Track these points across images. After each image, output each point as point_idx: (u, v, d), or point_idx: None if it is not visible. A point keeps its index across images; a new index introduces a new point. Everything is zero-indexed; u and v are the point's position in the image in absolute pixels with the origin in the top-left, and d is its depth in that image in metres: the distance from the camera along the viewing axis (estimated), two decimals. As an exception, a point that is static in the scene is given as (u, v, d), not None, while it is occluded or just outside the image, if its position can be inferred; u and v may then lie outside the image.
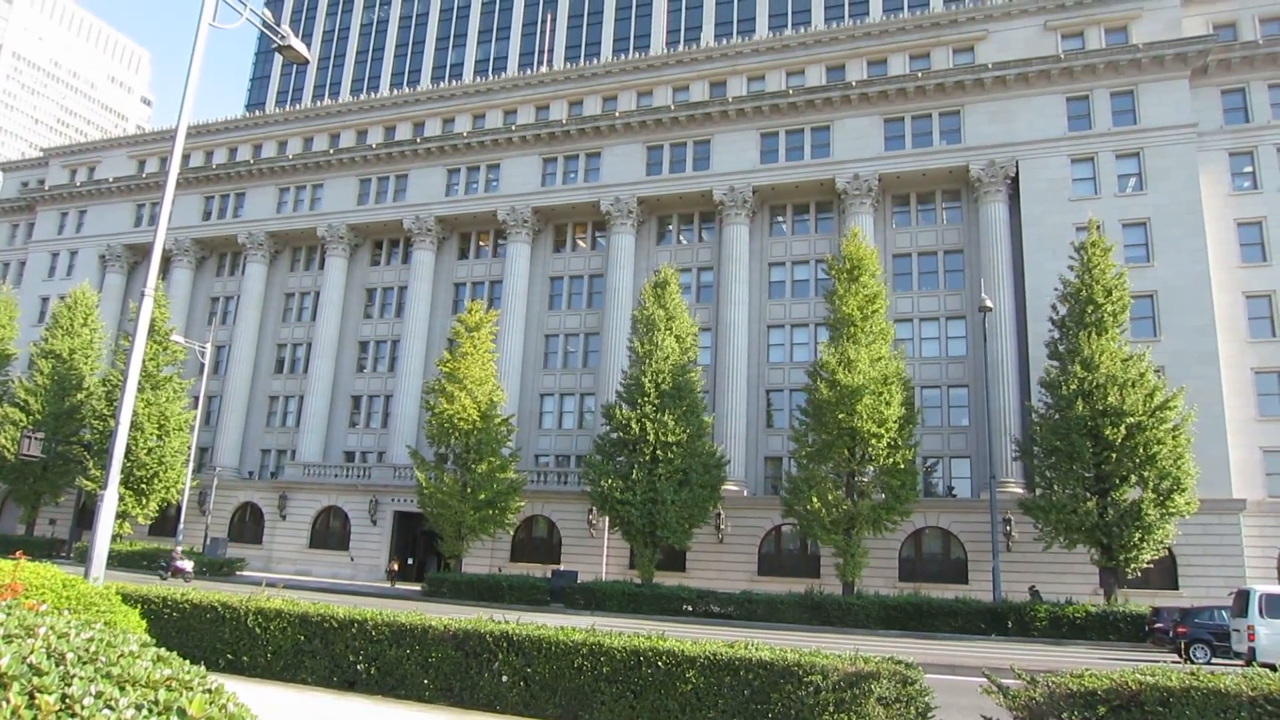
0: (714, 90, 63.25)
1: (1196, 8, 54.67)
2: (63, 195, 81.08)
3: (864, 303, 43.92)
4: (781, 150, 58.47)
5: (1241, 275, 49.09)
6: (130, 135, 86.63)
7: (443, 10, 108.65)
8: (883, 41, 59.49)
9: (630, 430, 45.03)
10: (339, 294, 69.23)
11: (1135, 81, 51.84)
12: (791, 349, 57.09)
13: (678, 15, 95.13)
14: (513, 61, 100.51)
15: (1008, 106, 54.07)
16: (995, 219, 52.96)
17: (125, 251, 77.39)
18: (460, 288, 67.65)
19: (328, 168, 70.86)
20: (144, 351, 36.90)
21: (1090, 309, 40.73)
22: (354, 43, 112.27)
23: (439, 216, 66.54)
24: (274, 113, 79.51)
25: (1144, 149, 50.86)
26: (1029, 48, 55.75)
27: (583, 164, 63.45)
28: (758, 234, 59.53)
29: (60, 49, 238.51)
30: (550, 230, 65.79)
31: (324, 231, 69.48)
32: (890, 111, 56.42)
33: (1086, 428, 38.77)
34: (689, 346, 48.19)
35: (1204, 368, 46.38)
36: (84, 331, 65.38)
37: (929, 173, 55.63)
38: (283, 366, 71.32)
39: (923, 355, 54.09)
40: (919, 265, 55.93)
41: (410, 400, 63.24)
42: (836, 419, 41.26)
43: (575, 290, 64.26)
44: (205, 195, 75.28)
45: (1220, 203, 50.20)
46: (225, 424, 68.54)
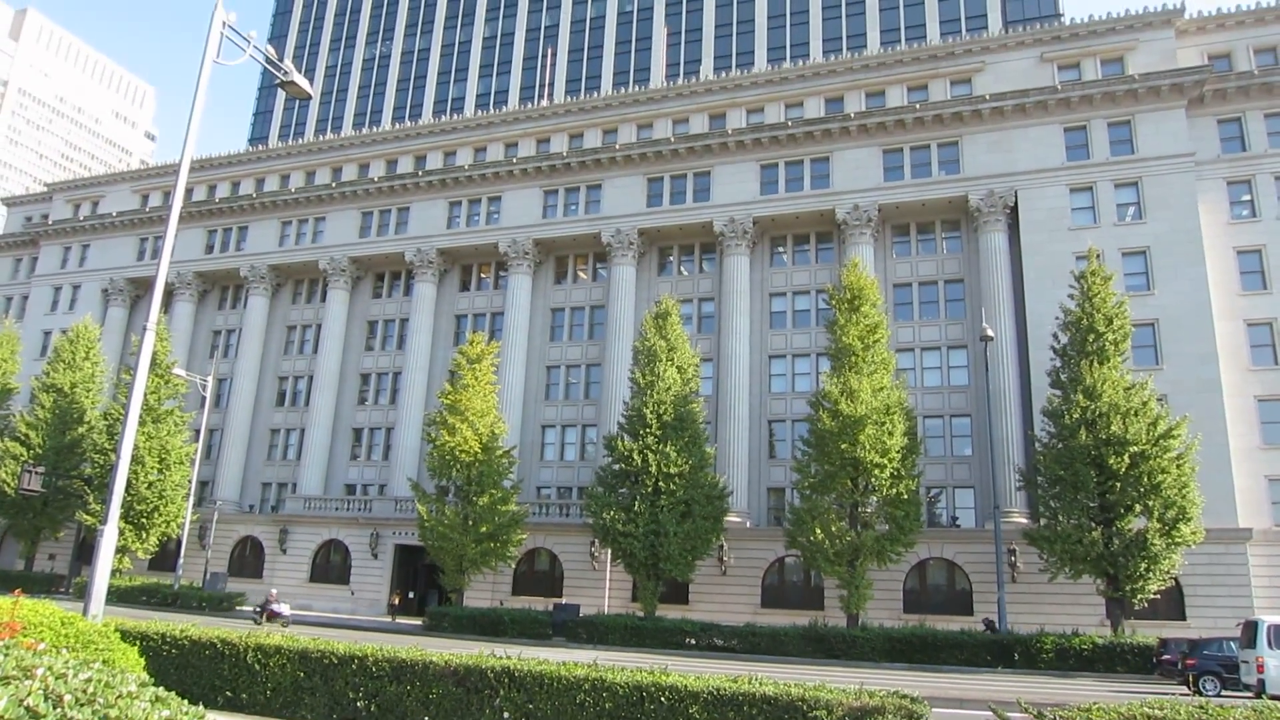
0: (713, 122, 63.72)
1: (1191, 39, 55.17)
2: (66, 230, 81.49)
3: (865, 333, 43.94)
4: (781, 181, 58.80)
5: (1242, 303, 49.14)
6: (134, 170, 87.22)
7: (444, 46, 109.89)
8: (880, 74, 59.99)
9: (632, 462, 44.89)
10: (340, 326, 69.35)
11: (1132, 112, 52.21)
12: (793, 379, 57.05)
13: (677, 49, 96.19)
14: (514, 95, 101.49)
15: (1006, 137, 54.42)
16: (995, 248, 53.12)
17: (128, 285, 77.63)
18: (461, 319, 67.77)
19: (329, 201, 71.27)
20: (145, 385, 36.90)
21: (1091, 338, 40.72)
22: (356, 77, 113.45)
23: (440, 249, 66.80)
24: (276, 147, 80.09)
25: (1142, 178, 51.11)
26: (1026, 79, 56.21)
27: (583, 196, 63.80)
28: (758, 264, 59.71)
29: (66, 85, 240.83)
30: (551, 262, 66.02)
31: (326, 264, 69.73)
32: (889, 142, 56.79)
33: (1090, 457, 38.63)
34: (690, 377, 48.16)
35: (1206, 396, 46.29)
36: (86, 365, 65.42)
37: (928, 203, 55.89)
38: (284, 399, 71.29)
39: (925, 385, 54.04)
40: (920, 295, 56.04)
41: (411, 432, 63.14)
42: (839, 449, 41.13)
43: (576, 322, 64.35)
44: (208, 229, 75.65)
45: (1219, 231, 50.35)
46: (226, 457, 68.39)
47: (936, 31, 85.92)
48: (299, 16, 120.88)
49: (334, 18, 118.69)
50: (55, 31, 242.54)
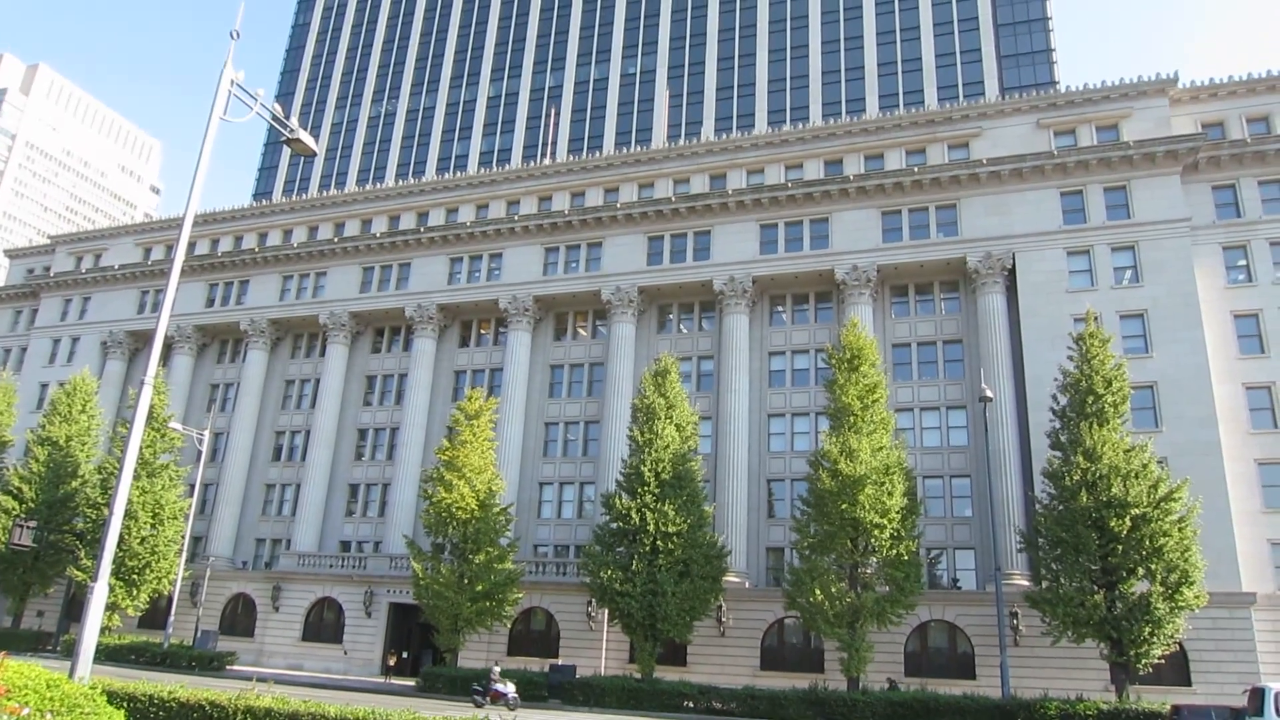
0: (714, 183, 64.43)
1: (1185, 108, 56.09)
2: (67, 282, 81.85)
3: (864, 392, 43.92)
4: (781, 241, 59.28)
5: (1240, 367, 49.22)
6: (137, 224, 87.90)
7: (449, 104, 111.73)
8: (879, 137, 60.85)
9: (630, 520, 44.52)
10: (339, 381, 69.30)
11: (1128, 177, 52.86)
12: (792, 438, 56.87)
13: (678, 110, 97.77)
14: (517, 153, 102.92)
15: (1003, 200, 55.01)
16: (993, 310, 53.36)
17: (127, 338, 77.73)
18: (460, 375, 67.77)
19: (331, 256, 71.71)
20: (141, 439, 36.74)
21: (1091, 399, 40.69)
22: (361, 134, 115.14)
23: (441, 304, 67.05)
24: (280, 202, 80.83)
25: (1139, 242, 51.56)
26: (1022, 144, 56.99)
27: (584, 254, 64.26)
28: (758, 323, 59.92)
29: (73, 139, 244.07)
30: (551, 319, 66.24)
31: (326, 319, 69.92)
32: (888, 204, 57.38)
33: (1091, 519, 38.35)
34: (689, 435, 48.00)
35: (1207, 459, 46.12)
36: (82, 418, 65.15)
37: (927, 264, 56.28)
38: (280, 454, 70.94)
39: (924, 445, 53.87)
40: (918, 355, 56.16)
41: (408, 489, 62.71)
42: (839, 509, 40.84)
43: (575, 379, 64.36)
44: (209, 282, 75.99)
45: (1217, 295, 50.65)
46: (220, 513, 67.81)
47: (934, 97, 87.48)
48: (306, 74, 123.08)
49: (341, 76, 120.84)
50: (65, 86, 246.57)
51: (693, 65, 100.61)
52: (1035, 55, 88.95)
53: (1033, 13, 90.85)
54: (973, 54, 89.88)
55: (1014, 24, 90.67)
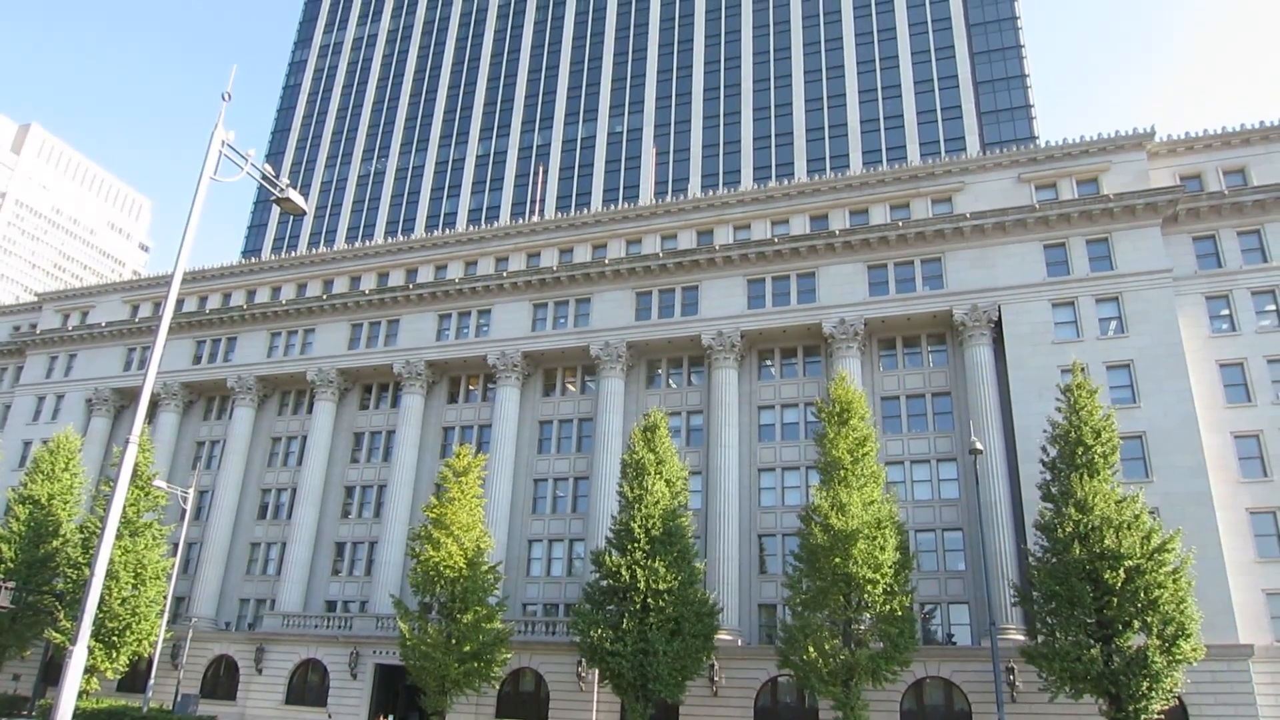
0: (701, 238, 64.90)
1: (1162, 161, 57.05)
2: (53, 339, 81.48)
3: (854, 446, 43.80)
4: (768, 296, 59.61)
5: (1228, 415, 49.41)
6: (125, 281, 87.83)
7: (439, 163, 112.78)
8: (864, 193, 61.59)
9: (620, 577, 43.97)
10: (326, 438, 68.80)
11: (1109, 229, 53.56)
12: (783, 493, 56.59)
13: (665, 168, 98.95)
14: (505, 211, 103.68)
15: (987, 254, 55.59)
16: (981, 362, 53.58)
17: (112, 395, 77.17)
18: (449, 432, 67.41)
19: (320, 313, 71.69)
20: (125, 498, 36.21)
21: (1080, 450, 40.66)
22: (351, 192, 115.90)
23: (429, 361, 66.94)
24: (269, 259, 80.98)
25: (1122, 293, 52.06)
26: (1004, 198, 57.75)
27: (573, 310, 64.44)
28: (746, 378, 59.96)
29: (62, 197, 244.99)
30: (540, 374, 66.15)
31: (314, 376, 69.65)
32: (874, 259, 57.90)
33: (1085, 571, 38.07)
34: (679, 491, 47.66)
35: (1198, 509, 46.03)
36: (65, 477, 64.32)
37: (913, 317, 56.62)
38: (266, 512, 70.12)
39: (915, 498, 53.66)
40: (908, 408, 56.21)
41: (395, 547, 61.95)
42: (831, 564, 40.46)
43: (565, 434, 64.07)
44: (196, 339, 75.75)
45: (1201, 344, 51.04)
46: (204, 572, 66.73)
47: (917, 153, 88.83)
48: (297, 134, 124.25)
49: (331, 135, 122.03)
50: (57, 146, 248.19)
51: (679, 123, 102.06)
52: (1014, 111, 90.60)
53: (1010, 70, 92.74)
54: (953, 111, 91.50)
55: (992, 81, 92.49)
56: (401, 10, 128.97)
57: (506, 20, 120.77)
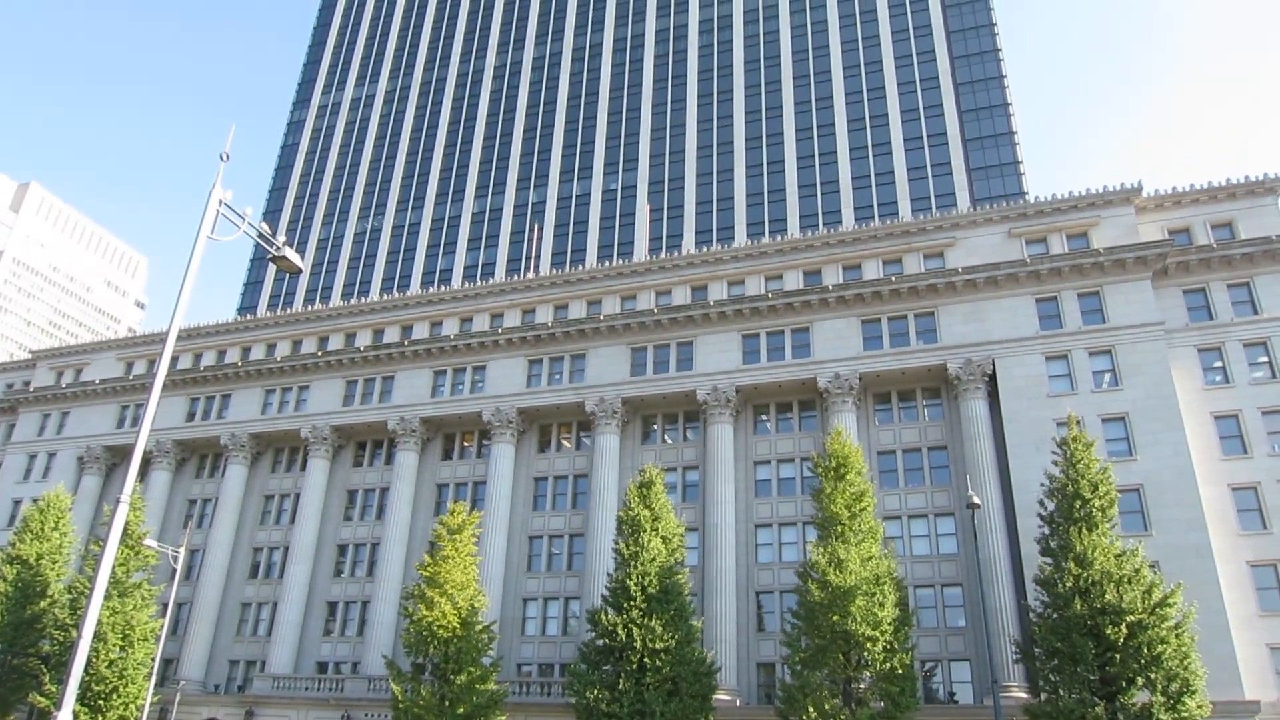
0: (695, 294, 65.20)
1: (1150, 215, 57.72)
2: (46, 397, 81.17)
3: (851, 501, 43.53)
4: (763, 351, 59.74)
5: (1225, 467, 49.30)
6: (119, 339, 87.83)
7: (434, 220, 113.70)
8: (856, 248, 62.09)
9: (616, 636, 43.31)
10: (319, 496, 68.26)
11: (1100, 283, 53.99)
12: (780, 549, 56.11)
13: (659, 224, 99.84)
14: (500, 267, 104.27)
15: (980, 308, 55.90)
16: (976, 415, 53.56)
17: (104, 453, 76.68)
18: (443, 489, 66.95)
19: (314, 370, 71.62)
20: (114, 557, 35.77)
21: (1078, 504, 40.44)
22: (347, 249, 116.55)
23: (424, 418, 66.73)
24: (264, 316, 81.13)
25: (1115, 346, 52.29)
26: (995, 253, 58.24)
27: (568, 366, 64.48)
28: (742, 433, 59.82)
29: (60, 254, 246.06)
30: (535, 431, 65.94)
31: (308, 433, 69.34)
32: (867, 313, 58.19)
33: (1086, 627, 37.61)
34: (676, 548, 47.21)
35: (1199, 562, 45.68)
36: (54, 536, 63.46)
37: (908, 371, 56.74)
38: (257, 571, 69.28)
39: (914, 554, 53.23)
40: (904, 462, 56.04)
41: (388, 607, 61.08)
42: (829, 622, 39.93)
43: (560, 491, 63.68)
44: (190, 396, 75.52)
45: (1196, 396, 51.13)
46: (193, 633, 65.66)
47: (908, 208, 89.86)
48: (294, 192, 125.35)
49: (328, 193, 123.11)
50: (55, 204, 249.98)
51: (672, 181, 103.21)
52: (1003, 167, 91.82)
53: (998, 128, 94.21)
54: (943, 167, 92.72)
55: (981, 139, 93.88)
56: (399, 72, 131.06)
57: (502, 81, 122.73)
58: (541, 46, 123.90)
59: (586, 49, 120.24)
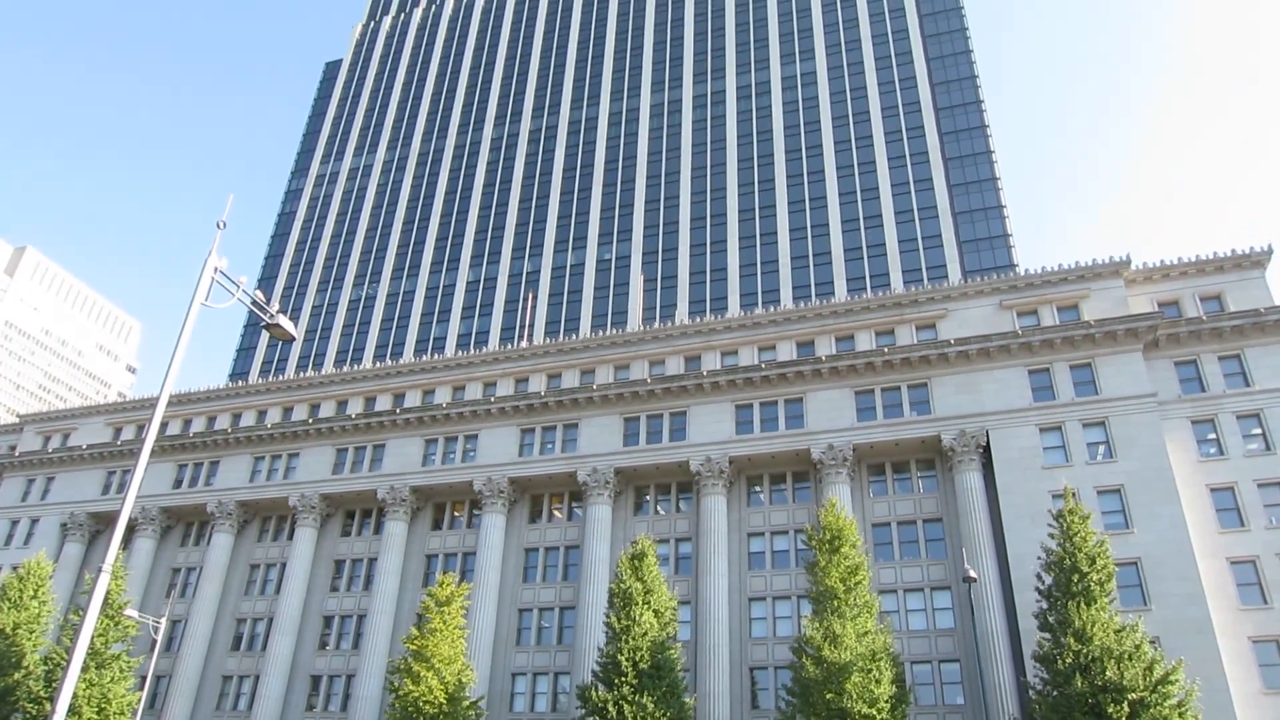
0: (689, 364, 65.25)
1: (1140, 288, 58.23)
2: (32, 462, 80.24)
3: (846, 574, 42.95)
4: (756, 421, 59.54)
5: (1223, 541, 48.84)
6: (108, 404, 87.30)
7: (429, 288, 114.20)
8: (849, 319, 62.38)
9: (607, 714, 42.25)
10: (306, 566, 67.12)
11: (1092, 355, 54.18)
12: (774, 623, 55.14)
13: (653, 294, 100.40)
14: (494, 336, 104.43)
15: (973, 379, 55.97)
16: (971, 487, 53.20)
17: (88, 520, 75.56)
18: (432, 560, 65.95)
19: (305, 437, 71.06)
20: (94, 627, 34.91)
21: (1076, 578, 39.91)
22: (341, 316, 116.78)
23: (414, 486, 66.04)
24: (256, 383, 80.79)
25: (1109, 418, 52.23)
26: (986, 325, 58.58)
27: (560, 435, 64.12)
28: (735, 504, 59.28)
29: (52, 318, 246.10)
30: (526, 501, 65.26)
31: (296, 501, 68.51)
32: (860, 384, 58.18)
33: (1088, 705, 36.79)
34: (668, 621, 46.34)
35: (1200, 638, 44.96)
36: (33, 605, 62.05)
37: (902, 443, 56.52)
38: (240, 643, 67.72)
39: (910, 628, 52.34)
40: (899, 535, 55.47)
41: (373, 680, 59.60)
42: (825, 699, 39.05)
43: (551, 562, 62.76)
44: (178, 463, 74.72)
45: (1191, 469, 50.91)
46: (172, 708, 63.84)
47: (900, 280, 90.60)
48: (290, 259, 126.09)
49: (324, 261, 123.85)
50: (50, 268, 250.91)
51: (666, 251, 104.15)
52: (994, 240, 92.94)
53: (987, 201, 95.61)
54: (934, 239, 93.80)
55: (970, 212, 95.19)
56: (398, 142, 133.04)
57: (499, 152, 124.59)
58: (538, 119, 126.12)
59: (582, 122, 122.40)
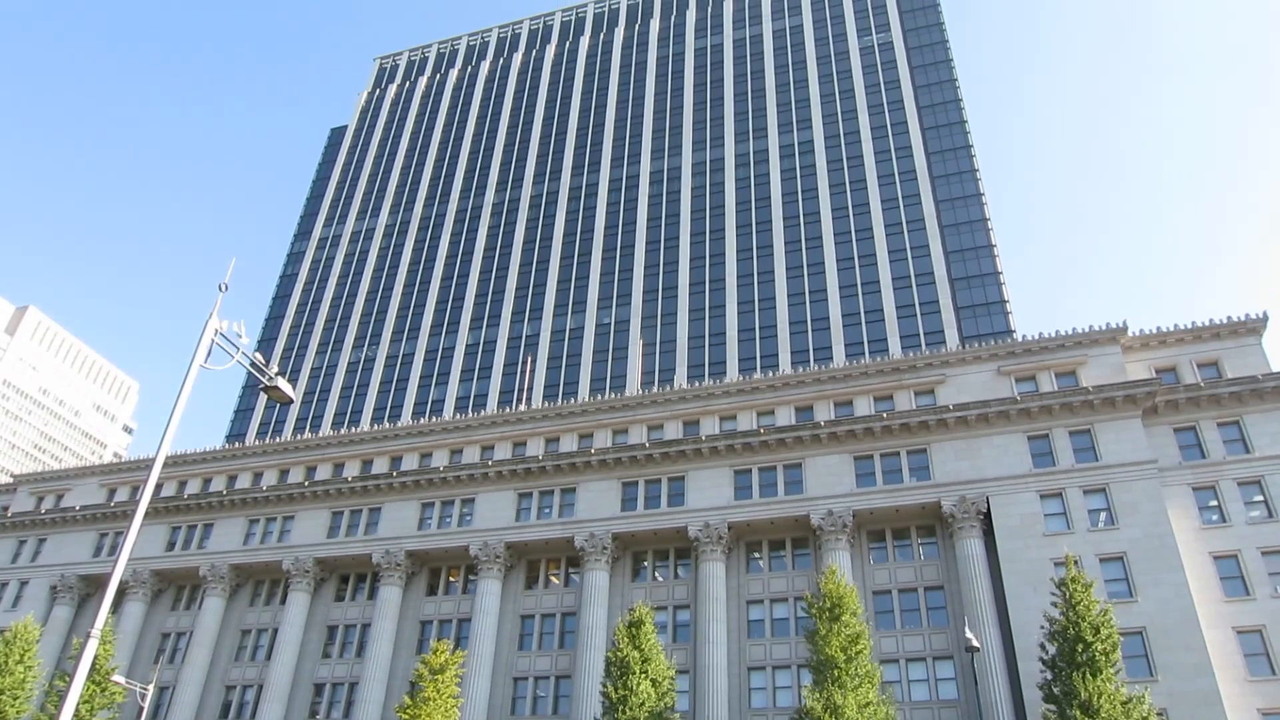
0: (688, 429, 65.07)
1: (1137, 355, 58.43)
2: (24, 523, 79.44)
3: (847, 643, 42.29)
4: (755, 487, 59.18)
5: (1228, 610, 48.17)
6: (103, 465, 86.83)
7: (428, 351, 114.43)
8: (847, 385, 62.44)
9: (603, 787, 41.24)
10: (298, 632, 66.00)
11: (1091, 421, 54.09)
12: (774, 693, 54.07)
13: (652, 358, 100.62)
14: (493, 399, 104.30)
15: (972, 445, 55.78)
16: (972, 554, 52.64)
17: (78, 582, 74.51)
18: (426, 626, 64.91)
19: (300, 500, 70.50)
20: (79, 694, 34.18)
21: (1080, 648, 39.36)
22: (340, 378, 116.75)
23: (409, 551, 65.33)
24: (252, 445, 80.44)
25: (1109, 484, 51.94)
26: (985, 390, 58.62)
27: (558, 500, 63.68)
28: (734, 571, 58.60)
29: (51, 377, 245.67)
30: (523, 566, 64.51)
31: (289, 565, 67.68)
32: (860, 450, 57.96)
33: (1096, 782, 35.97)
34: (666, 691, 45.51)
35: (1208, 710, 44.07)
36: (18, 669, 60.77)
37: (902, 509, 56.11)
38: (229, 711, 66.26)
39: (912, 699, 51.33)
40: (900, 603, 54.72)
41: (364, 751, 58.22)
42: (827, 773, 38.12)
43: (547, 629, 61.78)
44: (171, 525, 73.97)
45: (1193, 536, 50.46)
46: (157, 778, 62.30)
47: (898, 346, 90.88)
48: (290, 321, 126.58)
49: (324, 323, 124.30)
50: (51, 328, 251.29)
51: (665, 316, 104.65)
52: (990, 306, 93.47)
53: (984, 268, 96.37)
54: (931, 306, 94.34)
55: (967, 278, 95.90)
56: (400, 206, 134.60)
57: (500, 217, 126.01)
58: (539, 185, 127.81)
59: (583, 188, 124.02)
